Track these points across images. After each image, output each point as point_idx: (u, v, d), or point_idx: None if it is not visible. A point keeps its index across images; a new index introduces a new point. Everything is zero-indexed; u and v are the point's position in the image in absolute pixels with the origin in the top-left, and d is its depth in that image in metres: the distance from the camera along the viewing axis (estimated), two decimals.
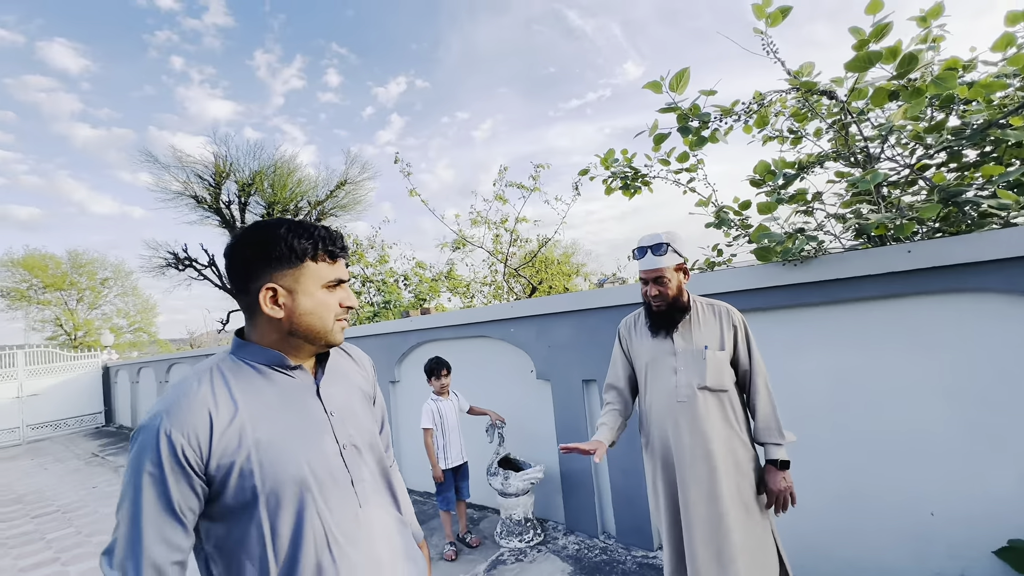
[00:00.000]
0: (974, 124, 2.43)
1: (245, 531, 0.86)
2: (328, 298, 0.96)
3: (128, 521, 0.81)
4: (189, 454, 0.82)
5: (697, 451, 1.73)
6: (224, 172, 14.87)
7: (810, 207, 2.93)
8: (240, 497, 0.85)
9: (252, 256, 0.93)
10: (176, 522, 0.82)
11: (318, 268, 0.95)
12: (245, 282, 0.93)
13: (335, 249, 0.97)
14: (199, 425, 0.84)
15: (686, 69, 2.41)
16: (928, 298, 2.15)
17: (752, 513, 1.72)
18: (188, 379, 0.91)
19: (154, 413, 0.85)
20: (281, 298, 0.92)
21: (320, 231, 0.95)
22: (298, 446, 0.91)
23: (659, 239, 1.78)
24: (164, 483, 0.81)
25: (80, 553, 3.99)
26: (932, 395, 2.15)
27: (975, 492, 2.05)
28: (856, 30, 2.14)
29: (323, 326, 0.96)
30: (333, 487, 0.93)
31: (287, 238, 0.92)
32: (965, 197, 2.27)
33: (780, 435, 1.75)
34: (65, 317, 20.86)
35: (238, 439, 0.86)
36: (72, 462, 8.12)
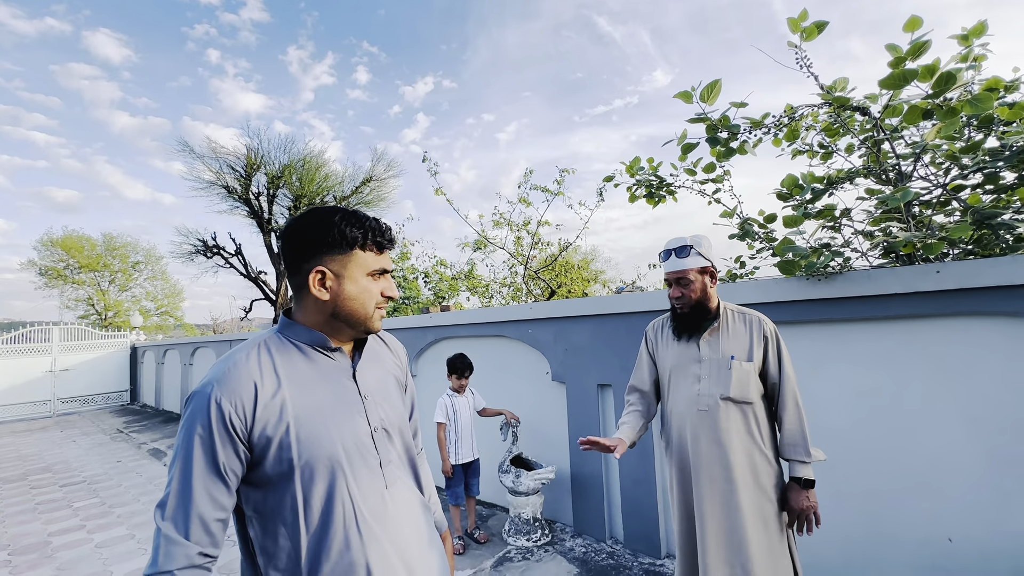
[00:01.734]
0: (1014, 146, 2.39)
1: (281, 499, 0.92)
2: (372, 286, 1.01)
3: (179, 478, 0.87)
4: (235, 421, 0.89)
5: (715, 462, 1.70)
6: (255, 164, 15.27)
7: (838, 223, 2.90)
8: (278, 467, 0.91)
9: (306, 239, 0.98)
10: (221, 482, 0.89)
11: (365, 257, 1.00)
12: (298, 263, 0.99)
13: (383, 240, 1.01)
14: (245, 395, 0.90)
15: (718, 80, 2.42)
16: (956, 320, 2.12)
17: (771, 529, 1.68)
18: (237, 352, 0.97)
19: (206, 381, 0.92)
20: (329, 281, 0.98)
21: (371, 222, 1.00)
22: (333, 425, 0.96)
23: (683, 241, 1.79)
24: (212, 446, 0.87)
25: (103, 523, 4.16)
26: (955, 420, 2.11)
27: (995, 521, 2.01)
28: (893, 47, 2.13)
29: (364, 312, 1.01)
30: (363, 466, 0.98)
31: (340, 225, 0.97)
32: (1000, 220, 2.23)
33: (806, 452, 1.69)
34: (97, 297, 21.66)
35: (279, 412, 0.92)
36: (98, 436, 8.44)
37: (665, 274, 1.83)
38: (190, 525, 0.85)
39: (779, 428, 1.76)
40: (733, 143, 2.69)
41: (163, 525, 0.85)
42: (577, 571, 2.87)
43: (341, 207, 1.01)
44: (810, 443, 1.71)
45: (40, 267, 20.46)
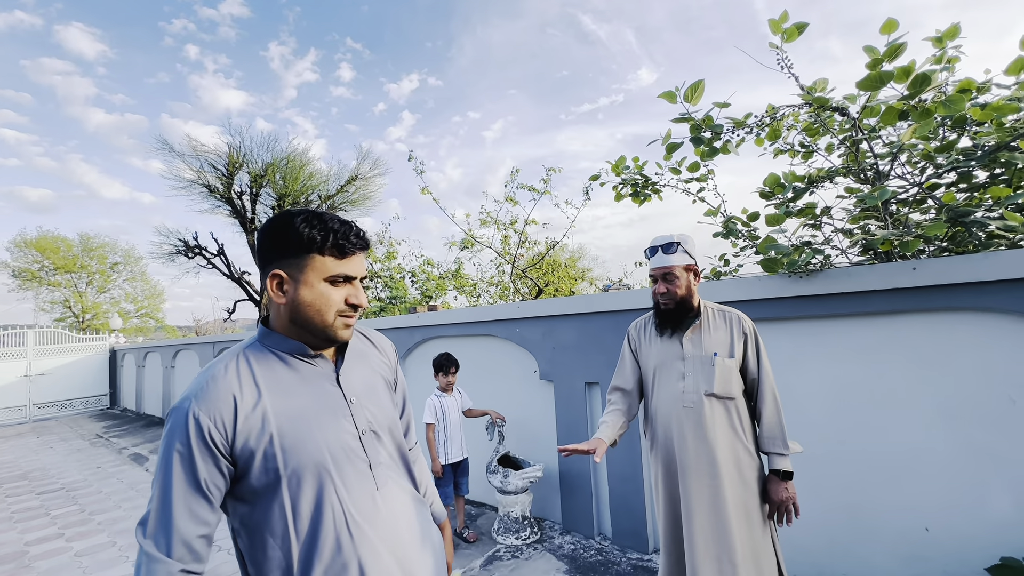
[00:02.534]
0: (985, 146, 2.46)
1: (268, 509, 0.91)
2: (331, 293, 0.96)
3: (160, 495, 0.86)
4: (215, 436, 0.87)
5: (701, 457, 1.73)
6: (237, 163, 15.01)
7: (818, 221, 2.95)
8: (263, 478, 0.90)
9: (267, 241, 0.96)
10: (203, 498, 0.87)
11: (324, 261, 0.95)
12: (261, 266, 0.98)
13: (346, 244, 0.95)
14: (224, 409, 0.89)
15: (701, 81, 2.45)
16: (931, 316, 2.18)
17: (753, 522, 1.72)
18: (216, 364, 0.95)
19: (185, 396, 0.90)
20: (286, 286, 0.95)
21: (334, 224, 0.94)
22: (318, 431, 0.95)
23: (670, 238, 1.82)
24: (192, 462, 0.86)
25: (83, 531, 4.06)
26: (931, 413, 2.17)
27: (971, 510, 2.07)
28: (870, 49, 2.17)
29: (322, 320, 0.96)
30: (351, 470, 0.97)
31: (299, 227, 0.93)
32: (973, 217, 2.30)
33: (784, 445, 1.75)
34: (74, 299, 21.11)
35: (261, 423, 0.90)
36: (76, 442, 8.24)
37: (651, 270, 1.85)
38: (172, 543, 0.84)
39: (758, 422, 1.81)
40: (716, 143, 2.73)
41: (144, 543, 0.84)
42: (566, 568, 2.89)
43: (310, 210, 0.96)
44: (788, 436, 1.77)
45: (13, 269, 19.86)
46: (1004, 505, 2.01)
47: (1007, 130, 2.40)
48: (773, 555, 1.74)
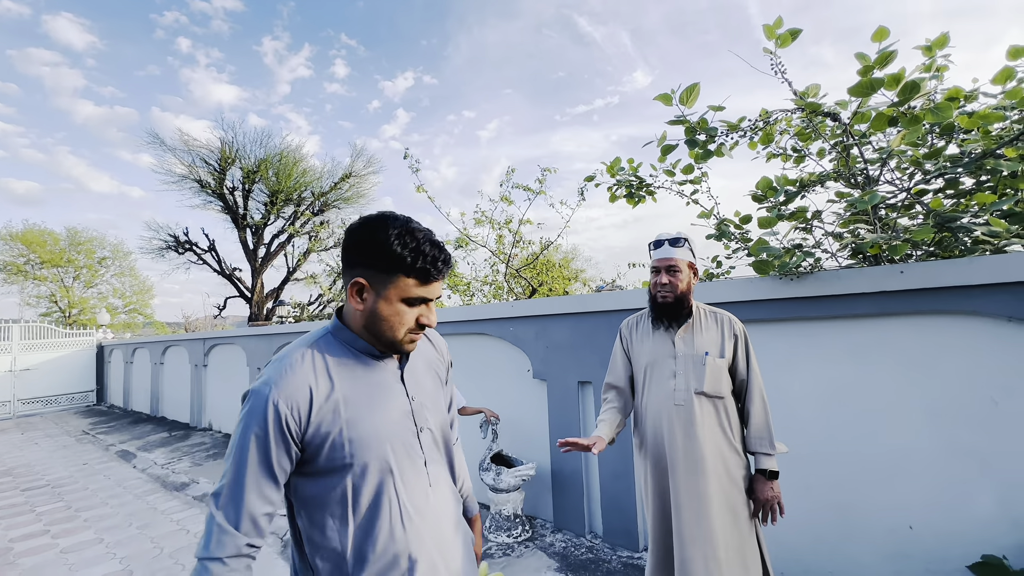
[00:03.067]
0: (972, 153, 2.51)
1: (330, 493, 0.96)
2: (405, 312, 0.98)
3: (234, 473, 0.91)
4: (291, 423, 0.92)
5: (690, 455, 1.76)
6: (230, 158, 14.88)
7: (809, 225, 3.00)
8: (330, 464, 0.95)
9: (356, 245, 0.97)
10: (272, 480, 0.92)
11: (407, 283, 0.95)
12: (345, 266, 1.00)
13: (432, 271, 0.96)
14: (301, 399, 0.93)
15: (696, 84, 2.48)
16: (918, 318, 2.22)
17: (740, 519, 1.75)
18: (292, 352, 0.99)
19: (264, 381, 0.94)
20: (365, 294, 0.98)
21: (425, 247, 0.95)
22: (383, 426, 0.99)
23: (678, 233, 1.85)
24: (267, 446, 0.91)
25: (69, 527, 4.02)
26: (918, 413, 2.22)
27: (954, 509, 2.12)
28: (862, 56, 2.21)
29: (392, 335, 0.99)
30: (410, 467, 1.02)
31: (392, 244, 0.93)
32: (960, 223, 2.35)
33: (771, 445, 1.78)
34: (60, 294, 20.80)
35: (332, 414, 0.95)
36: (62, 438, 8.13)
37: (655, 261, 1.86)
38: (240, 518, 0.90)
39: (746, 422, 1.84)
40: (710, 145, 2.76)
41: (216, 514, 0.90)
42: (557, 566, 2.91)
43: (404, 221, 0.96)
44: (774, 436, 1.80)
45: None
46: (986, 504, 2.05)
47: (993, 138, 2.45)
48: (758, 552, 1.77)
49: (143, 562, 3.32)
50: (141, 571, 3.19)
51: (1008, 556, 1.97)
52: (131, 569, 3.23)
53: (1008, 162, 2.23)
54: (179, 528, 3.90)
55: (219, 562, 0.87)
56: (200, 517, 4.12)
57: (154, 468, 5.76)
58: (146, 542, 3.65)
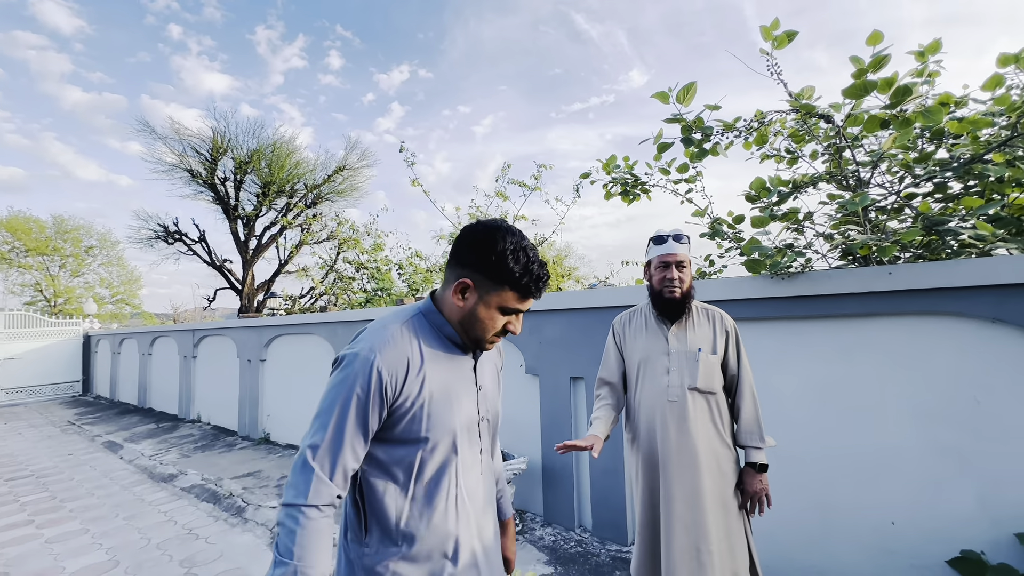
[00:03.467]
0: (961, 158, 2.56)
1: (399, 461, 1.02)
2: (498, 319, 1.06)
3: (334, 428, 0.96)
4: (388, 389, 0.99)
5: (683, 450, 1.77)
6: (222, 148, 14.70)
7: (801, 226, 3.04)
8: (406, 435, 1.01)
9: (473, 247, 1.03)
10: (363, 439, 0.99)
11: (509, 296, 1.03)
12: (456, 262, 1.06)
13: (533, 290, 1.04)
14: (399, 368, 1.00)
15: (693, 83, 2.50)
16: (905, 319, 2.26)
17: (730, 512, 1.78)
18: (390, 324, 1.05)
19: (368, 347, 1.00)
20: (468, 294, 1.04)
21: (534, 267, 1.02)
22: (456, 408, 1.06)
23: (681, 230, 1.86)
24: (367, 407, 0.97)
25: (54, 518, 3.97)
26: (902, 412, 2.26)
27: (935, 506, 2.17)
28: (856, 59, 2.24)
29: (481, 335, 1.08)
30: (469, 451, 1.10)
31: (507, 257, 1.00)
32: (947, 226, 2.39)
33: (761, 439, 1.82)
34: (46, 283, 20.46)
35: (419, 388, 1.02)
36: (47, 429, 8.02)
37: (662, 257, 1.85)
38: (335, 470, 0.96)
39: (736, 417, 1.88)
40: (706, 144, 2.78)
41: (315, 465, 0.95)
42: (547, 559, 2.93)
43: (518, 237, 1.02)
44: (764, 430, 1.84)
45: None
46: (966, 501, 2.10)
47: (981, 143, 2.50)
48: (746, 545, 1.80)
49: (130, 552, 3.29)
50: (127, 561, 3.17)
51: (986, 551, 2.02)
52: (117, 559, 3.20)
53: (995, 167, 2.28)
54: (167, 519, 3.87)
55: (316, 509, 0.93)
56: (189, 509, 4.10)
57: (141, 459, 5.70)
58: (133, 533, 3.62)
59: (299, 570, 0.89)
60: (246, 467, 5.20)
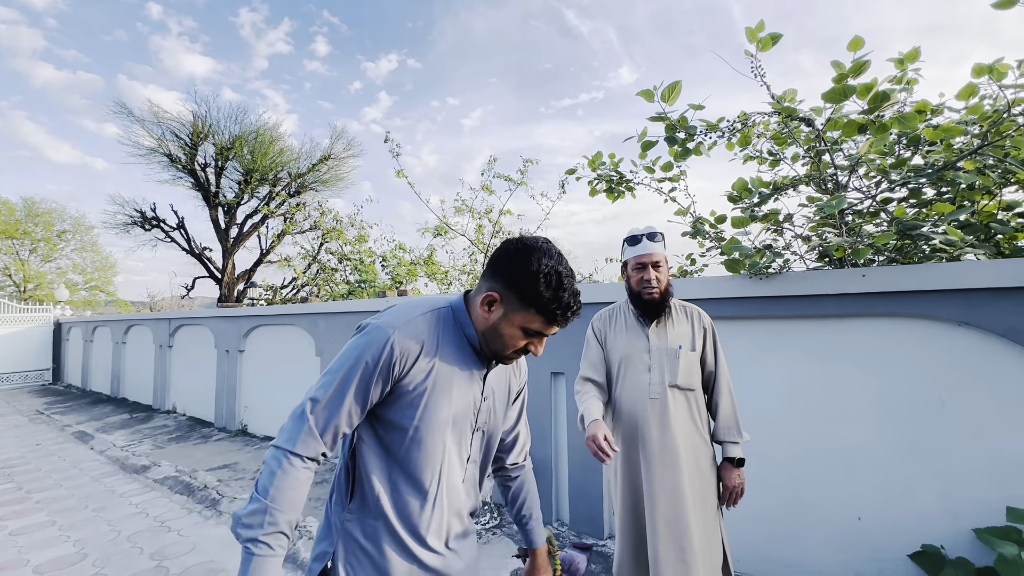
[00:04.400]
0: (935, 164, 2.62)
1: (389, 441, 1.04)
2: (520, 338, 1.05)
3: (337, 389, 0.98)
4: (396, 367, 1.00)
5: (665, 448, 1.78)
6: (202, 133, 14.34)
7: (780, 227, 3.09)
8: (399, 418, 1.03)
9: (509, 265, 1.02)
10: (360, 407, 1.00)
11: (535, 318, 1.02)
12: (491, 273, 1.05)
13: (559, 319, 1.02)
14: (411, 350, 1.01)
15: (678, 82, 2.51)
16: (876, 320, 2.32)
17: (708, 509, 1.79)
18: (417, 307, 1.08)
19: (390, 322, 1.02)
20: (494, 308, 1.04)
21: (565, 296, 0.99)
22: (452, 408, 1.06)
23: (653, 229, 1.85)
24: (371, 378, 0.99)
25: (19, 509, 3.86)
26: (871, 411, 2.32)
27: (899, 502, 2.24)
28: (837, 64, 2.27)
29: (501, 350, 1.08)
30: (456, 454, 1.10)
31: (539, 281, 0.98)
32: (920, 231, 2.46)
33: (739, 434, 1.85)
34: (15, 267, 19.79)
35: (424, 375, 1.02)
36: (14, 418, 7.78)
37: (638, 258, 1.84)
38: (326, 429, 0.97)
39: (714, 414, 1.89)
40: (689, 144, 2.80)
41: (310, 418, 0.97)
42: None
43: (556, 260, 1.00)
44: (740, 425, 1.87)
45: None
46: (928, 498, 2.18)
47: (954, 151, 2.56)
48: (720, 539, 1.82)
49: (98, 545, 3.22)
50: (96, 554, 3.10)
51: (945, 546, 2.10)
52: (85, 552, 3.13)
53: (966, 174, 2.34)
54: (138, 511, 3.80)
55: (300, 459, 0.95)
56: (161, 501, 4.02)
57: (113, 450, 5.57)
58: (102, 525, 3.54)
59: (269, 510, 0.91)
60: (222, 459, 5.12)
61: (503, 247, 1.05)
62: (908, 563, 2.18)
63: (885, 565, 2.24)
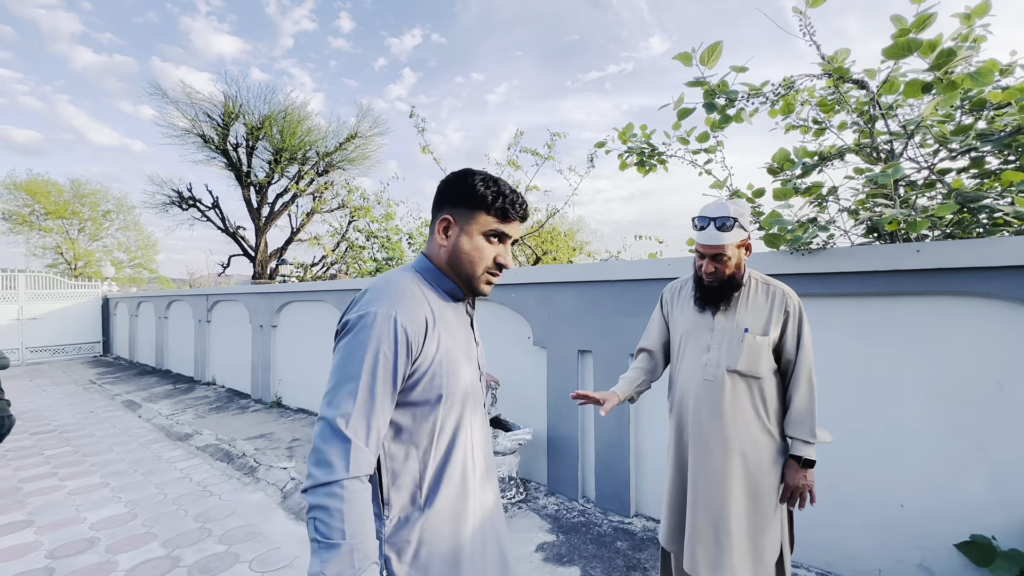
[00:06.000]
0: (1004, 130, 2.40)
1: (421, 424, 1.00)
2: (486, 248, 1.05)
3: (366, 392, 0.91)
4: (413, 346, 0.96)
5: (712, 432, 1.68)
6: (233, 113, 14.58)
7: (824, 200, 2.91)
8: (426, 394, 0.99)
9: (446, 188, 1.06)
10: (391, 399, 0.95)
11: (488, 219, 1.04)
12: (435, 208, 1.08)
13: (510, 209, 1.05)
14: (419, 325, 0.97)
15: (719, 43, 2.35)
16: (931, 298, 2.17)
17: (761, 503, 1.67)
18: (402, 282, 1.03)
19: (387, 305, 0.96)
20: (450, 231, 1.05)
21: (505, 190, 1.05)
22: (464, 364, 1.06)
23: (726, 211, 1.61)
24: (395, 366, 0.94)
25: (76, 471, 4.13)
26: (920, 393, 2.20)
27: (947, 489, 2.13)
28: (898, 18, 2.08)
29: (471, 271, 1.06)
30: (475, 405, 1.10)
31: (476, 184, 1.03)
32: (982, 203, 2.27)
33: (811, 433, 1.65)
34: (66, 246, 20.86)
35: (436, 344, 1.00)
36: (70, 387, 8.29)
37: (699, 245, 1.68)
38: (370, 435, 0.91)
39: (789, 406, 1.71)
40: (730, 110, 2.64)
41: (349, 433, 0.89)
42: (549, 527, 2.97)
43: (489, 173, 1.06)
44: (817, 424, 1.67)
45: (3, 211, 19.50)
46: (978, 485, 2.06)
47: None
48: (778, 537, 1.69)
49: (147, 507, 3.42)
50: (145, 515, 3.29)
51: (996, 536, 1.99)
52: (135, 512, 3.33)
53: None
54: (183, 476, 4.00)
55: (358, 480, 0.88)
56: (203, 467, 4.22)
57: (159, 418, 5.88)
58: (150, 488, 3.75)
59: (355, 548, 0.83)
60: (258, 429, 5.34)
61: (439, 185, 1.08)
62: (953, 553, 2.08)
63: (928, 553, 2.15)
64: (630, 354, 3.08)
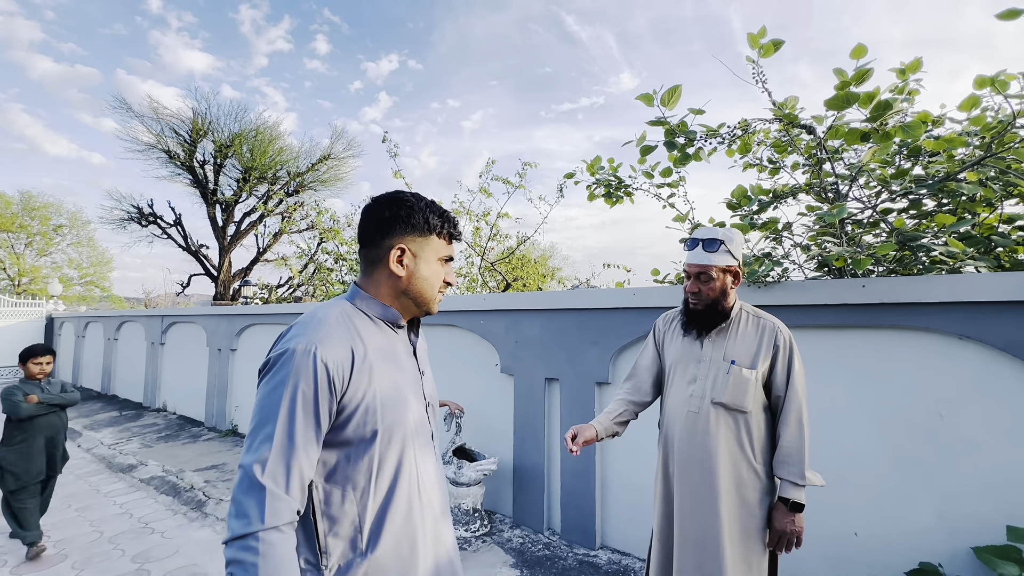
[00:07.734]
0: (936, 175, 2.60)
1: (357, 462, 0.94)
2: (439, 271, 1.08)
3: (283, 434, 0.86)
4: (336, 383, 0.91)
5: (696, 466, 1.64)
6: (202, 130, 14.30)
7: (779, 235, 3.06)
8: (360, 431, 0.94)
9: (392, 216, 1.04)
10: (316, 442, 0.90)
11: (439, 243, 1.08)
12: (380, 237, 1.04)
13: (454, 232, 1.10)
14: (344, 358, 0.93)
15: (678, 86, 2.48)
16: (876, 332, 2.28)
17: (751, 543, 1.61)
18: (325, 317, 0.98)
19: (307, 340, 0.91)
20: (406, 259, 1.04)
21: (448, 214, 1.09)
22: (403, 396, 1.01)
23: (715, 234, 1.65)
24: (316, 405, 0.89)
25: None
26: (869, 423, 2.28)
27: (896, 518, 2.19)
28: (839, 71, 2.25)
29: (430, 294, 1.08)
30: (422, 438, 1.05)
31: (425, 211, 1.05)
32: (920, 242, 2.43)
33: (800, 475, 1.57)
34: (10, 261, 19.66)
35: (368, 378, 0.95)
36: None
37: (686, 265, 1.70)
38: (290, 482, 0.85)
39: (777, 443, 1.64)
40: (689, 149, 2.77)
41: (266, 481, 0.83)
42: (513, 561, 2.90)
43: (423, 196, 1.08)
44: (807, 466, 1.60)
45: None
46: (926, 514, 2.13)
47: (956, 162, 2.54)
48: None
49: (79, 546, 3.15)
50: (76, 556, 3.03)
51: (943, 564, 2.05)
52: (65, 553, 3.06)
53: (968, 185, 2.31)
54: (122, 512, 3.72)
55: (276, 531, 0.82)
56: (147, 501, 3.95)
57: (100, 448, 5.49)
58: (84, 525, 3.47)
59: None
60: (210, 459, 5.05)
61: (373, 211, 1.05)
62: None
63: None
64: (596, 383, 3.10)
